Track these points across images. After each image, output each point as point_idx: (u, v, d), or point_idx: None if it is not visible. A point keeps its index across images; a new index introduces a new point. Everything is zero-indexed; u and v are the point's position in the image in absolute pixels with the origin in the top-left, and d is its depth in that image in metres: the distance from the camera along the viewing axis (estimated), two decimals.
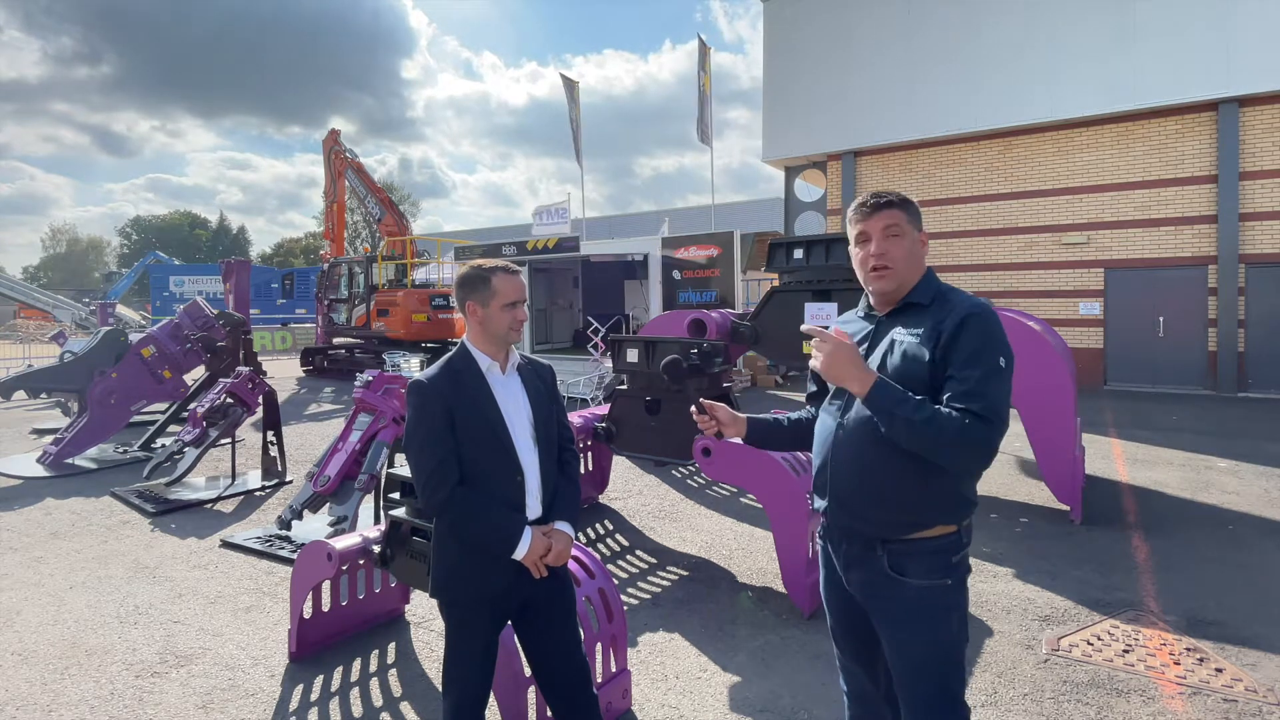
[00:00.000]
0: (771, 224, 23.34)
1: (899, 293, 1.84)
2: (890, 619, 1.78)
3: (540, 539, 2.09)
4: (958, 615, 1.76)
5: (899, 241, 1.81)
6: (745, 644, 3.56)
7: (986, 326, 1.70)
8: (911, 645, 1.75)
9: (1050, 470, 5.49)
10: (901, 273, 1.82)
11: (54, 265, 74.84)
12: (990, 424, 1.60)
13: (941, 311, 1.76)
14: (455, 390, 2.09)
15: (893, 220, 1.82)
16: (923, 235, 1.86)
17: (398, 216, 19.01)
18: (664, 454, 5.15)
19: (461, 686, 2.15)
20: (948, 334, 1.70)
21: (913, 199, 1.88)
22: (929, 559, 1.74)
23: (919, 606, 1.74)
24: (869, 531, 1.79)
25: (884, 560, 1.77)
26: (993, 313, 1.74)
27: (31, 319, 32.79)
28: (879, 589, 1.78)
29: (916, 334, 1.76)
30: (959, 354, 1.68)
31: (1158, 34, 12.63)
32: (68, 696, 3.16)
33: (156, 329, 8.67)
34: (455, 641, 2.16)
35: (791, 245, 6.64)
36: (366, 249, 27.31)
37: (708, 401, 2.03)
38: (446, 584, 2.14)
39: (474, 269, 2.18)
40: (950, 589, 1.75)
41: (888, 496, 1.75)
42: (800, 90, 16.56)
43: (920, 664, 1.75)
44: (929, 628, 1.74)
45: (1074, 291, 13.85)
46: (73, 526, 5.58)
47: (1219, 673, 3.20)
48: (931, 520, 1.74)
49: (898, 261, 1.81)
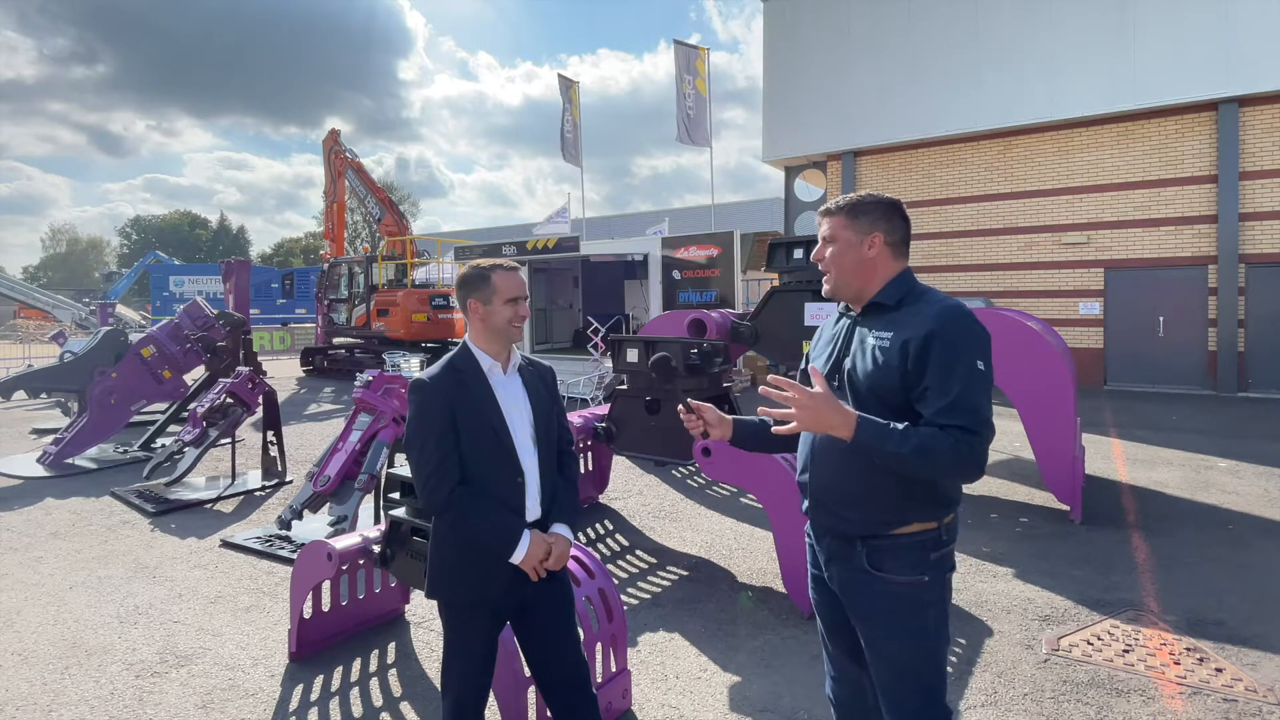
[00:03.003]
0: (771, 224, 23.33)
1: (851, 294, 1.87)
2: (867, 615, 1.79)
3: (539, 543, 2.08)
4: (935, 613, 1.76)
5: (833, 247, 1.87)
6: (745, 644, 3.56)
7: (956, 334, 1.67)
8: (888, 642, 1.76)
9: (1050, 470, 5.49)
10: (836, 277, 1.87)
11: (54, 265, 74.85)
12: (978, 435, 1.61)
13: (910, 318, 1.75)
14: (457, 390, 2.09)
15: (830, 229, 1.88)
16: (873, 238, 1.83)
17: (397, 216, 19.01)
18: (664, 454, 5.15)
19: (461, 687, 2.15)
20: (916, 348, 1.68)
21: (878, 199, 1.87)
22: (907, 555, 1.75)
23: (895, 603, 1.74)
24: (849, 530, 1.80)
25: (863, 556, 1.78)
26: (963, 315, 1.71)
27: (31, 319, 32.78)
28: (857, 585, 1.80)
29: (884, 339, 1.75)
30: (933, 367, 1.66)
31: (1158, 34, 12.63)
32: (68, 696, 3.16)
33: (156, 329, 8.67)
34: (453, 642, 2.16)
35: (791, 245, 6.64)
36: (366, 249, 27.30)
37: (695, 402, 2.01)
38: (444, 584, 2.14)
39: (474, 268, 2.19)
40: (928, 586, 1.75)
41: (866, 497, 1.76)
42: (800, 90, 16.56)
43: (896, 661, 1.76)
44: (905, 624, 1.74)
45: (1074, 291, 13.85)
46: (73, 526, 5.58)
47: (1219, 673, 3.20)
48: (910, 518, 1.75)
49: (830, 267, 1.87)
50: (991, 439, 1.65)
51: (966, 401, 1.62)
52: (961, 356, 1.65)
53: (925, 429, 1.62)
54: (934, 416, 1.63)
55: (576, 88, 19.50)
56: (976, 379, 1.65)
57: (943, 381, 1.64)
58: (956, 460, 1.59)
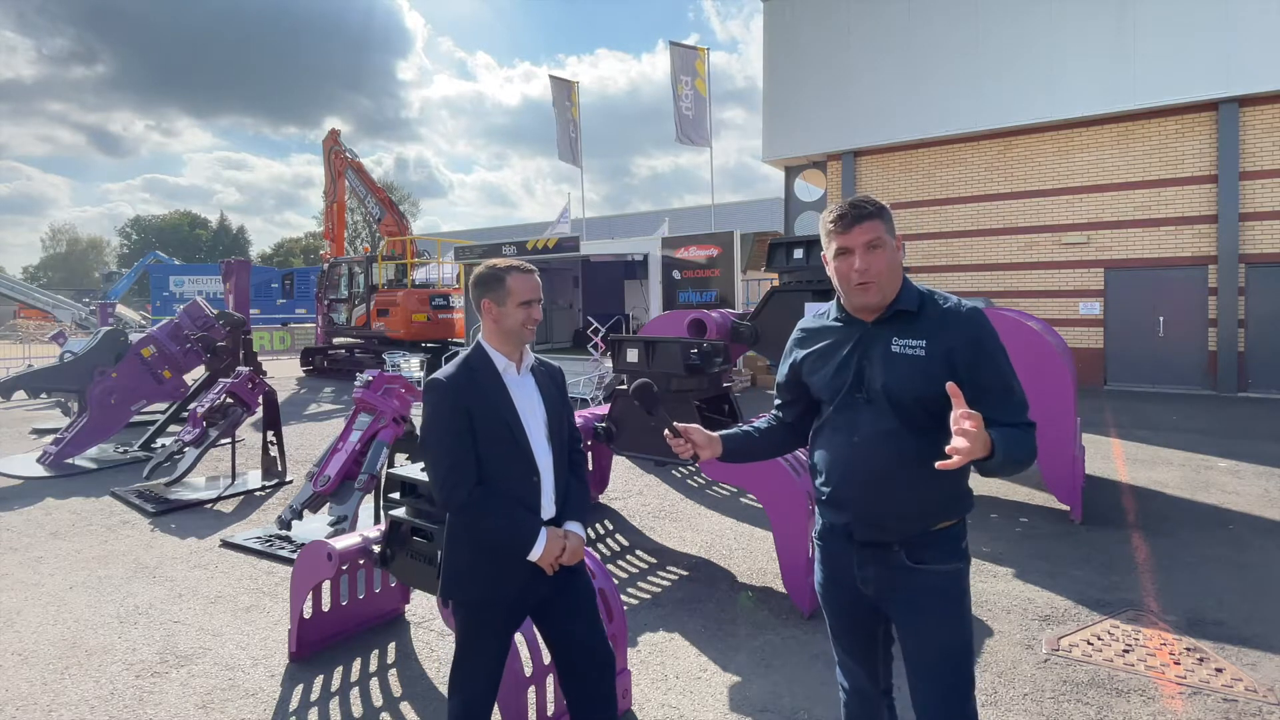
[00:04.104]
0: (771, 224, 23.33)
1: (886, 301, 1.83)
2: (911, 607, 1.81)
3: (555, 540, 2.10)
4: (968, 600, 1.84)
5: (881, 254, 1.77)
6: (745, 644, 3.56)
7: (992, 335, 1.76)
8: (936, 630, 1.79)
9: (1050, 470, 5.49)
10: (885, 285, 1.80)
11: (54, 265, 74.86)
12: (1035, 425, 1.72)
13: (939, 322, 1.77)
14: (472, 389, 2.09)
15: (875, 234, 1.78)
16: (898, 240, 1.84)
17: (397, 216, 19.02)
18: (664, 454, 5.15)
19: (471, 687, 2.14)
20: (966, 357, 1.72)
21: (886, 203, 1.87)
22: (944, 544, 1.80)
23: (938, 591, 1.79)
24: (889, 538, 1.81)
25: (902, 554, 1.80)
26: (985, 314, 1.79)
27: (31, 319, 32.79)
28: (897, 581, 1.81)
29: (917, 347, 1.75)
30: (986, 370, 1.73)
31: (1158, 34, 12.62)
32: (68, 696, 3.16)
33: (156, 329, 8.67)
34: (466, 642, 2.15)
35: (791, 245, 6.64)
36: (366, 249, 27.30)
37: (682, 425, 1.98)
38: (457, 584, 2.14)
39: (489, 268, 2.20)
40: (963, 574, 1.82)
41: (910, 504, 1.78)
42: (800, 90, 16.56)
43: (944, 648, 1.79)
44: (950, 609, 1.79)
45: (1074, 291, 13.85)
46: (73, 526, 5.58)
47: (1219, 673, 3.20)
48: (943, 516, 1.80)
49: (881, 275, 1.78)
50: None
51: (1024, 398, 1.73)
52: (1003, 357, 1.75)
53: (1013, 430, 1.66)
54: (1008, 417, 1.69)
55: (576, 88, 19.47)
56: (1015, 376, 1.75)
57: (999, 382, 1.73)
58: (1034, 453, 1.67)
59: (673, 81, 17.59)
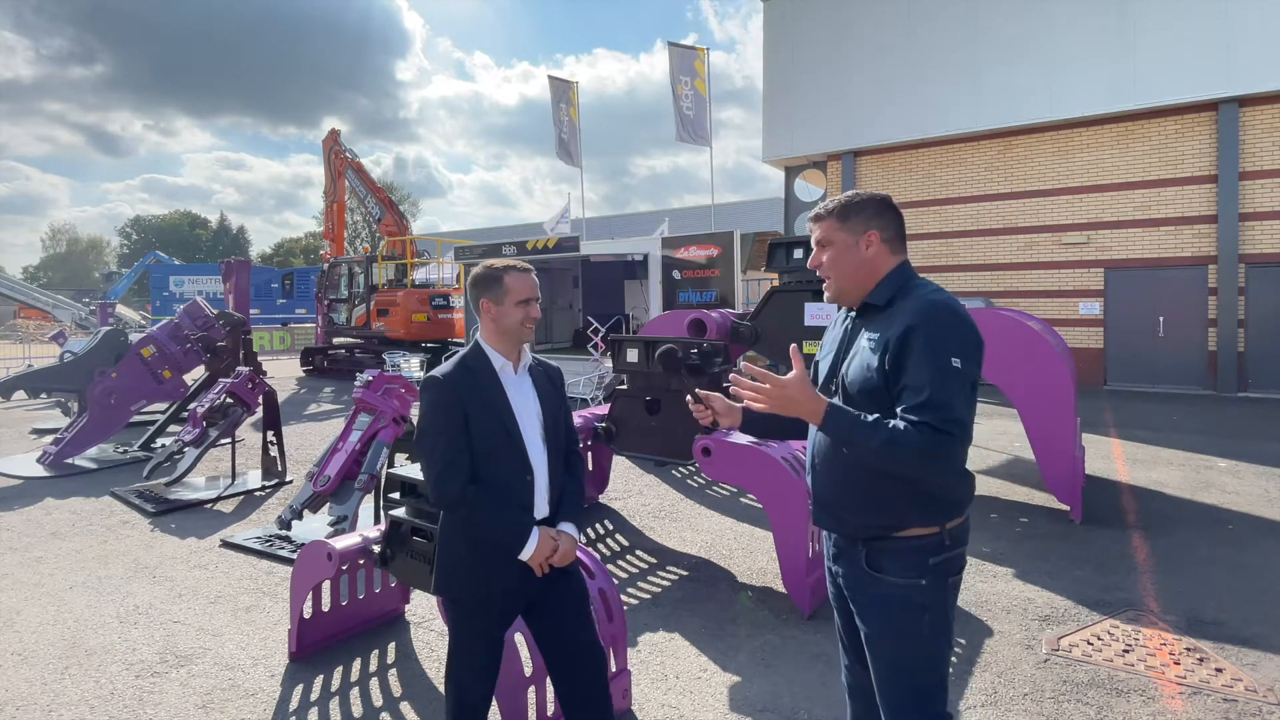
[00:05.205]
0: (771, 224, 23.33)
1: (855, 297, 1.86)
2: (864, 615, 1.81)
3: (547, 540, 2.10)
4: (932, 616, 1.73)
5: (826, 252, 1.86)
6: (745, 644, 3.56)
7: (934, 329, 1.64)
8: (882, 641, 1.77)
9: (1050, 470, 5.49)
10: (837, 282, 1.86)
11: (54, 265, 74.86)
12: (948, 435, 1.56)
13: (894, 315, 1.74)
14: (469, 388, 2.10)
15: (823, 233, 1.87)
16: (869, 236, 1.81)
17: (397, 216, 19.02)
18: (664, 454, 5.15)
19: (465, 685, 2.15)
20: (894, 344, 1.67)
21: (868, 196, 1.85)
22: (906, 557, 1.73)
23: (890, 603, 1.75)
24: (850, 531, 1.82)
25: (863, 556, 1.79)
26: (944, 309, 1.69)
27: (31, 319, 32.79)
28: (858, 583, 1.81)
29: (873, 338, 1.75)
30: (909, 363, 1.64)
31: (1158, 34, 12.63)
32: (68, 696, 3.16)
33: (156, 329, 8.67)
34: (459, 639, 2.16)
35: (791, 245, 6.63)
36: (366, 249, 27.31)
37: (703, 391, 2.02)
38: (451, 581, 2.14)
39: (487, 268, 2.21)
40: (924, 589, 1.72)
41: (865, 500, 1.76)
42: (800, 90, 16.56)
43: (890, 660, 1.77)
44: (899, 625, 1.74)
45: (1074, 291, 13.85)
46: (73, 526, 5.58)
47: (1219, 673, 3.20)
48: (909, 521, 1.73)
49: (829, 272, 1.86)
50: (967, 440, 1.62)
51: (937, 398, 1.57)
52: (937, 352, 1.62)
53: (896, 424, 1.59)
54: (905, 412, 1.60)
55: (575, 88, 19.46)
56: (951, 375, 1.60)
57: (916, 377, 1.62)
58: (924, 458, 1.57)
59: (672, 82, 17.59)
